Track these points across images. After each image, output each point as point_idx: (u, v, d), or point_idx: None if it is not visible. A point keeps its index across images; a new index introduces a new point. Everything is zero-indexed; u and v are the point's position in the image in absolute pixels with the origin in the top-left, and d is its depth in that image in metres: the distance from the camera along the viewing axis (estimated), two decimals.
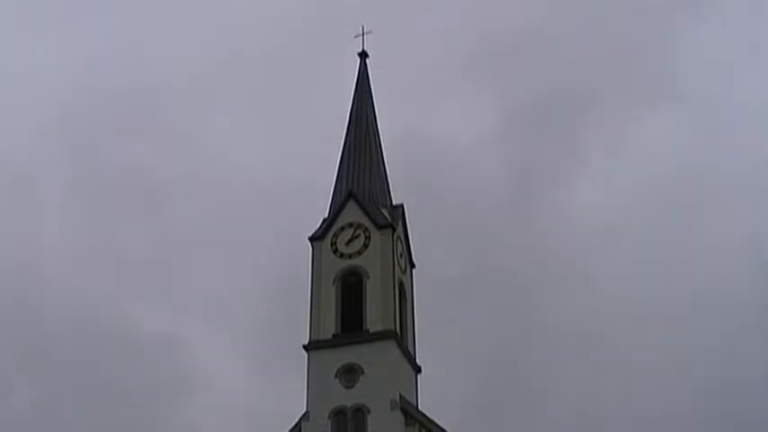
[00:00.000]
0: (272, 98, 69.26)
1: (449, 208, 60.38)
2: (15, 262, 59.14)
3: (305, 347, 33.39)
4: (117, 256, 62.21)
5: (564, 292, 59.03)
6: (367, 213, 35.92)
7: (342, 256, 35.26)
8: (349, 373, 32.30)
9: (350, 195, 36.63)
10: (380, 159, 39.02)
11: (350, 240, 35.46)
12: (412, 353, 35.22)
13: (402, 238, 37.15)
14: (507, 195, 65.86)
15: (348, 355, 32.61)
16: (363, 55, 41.35)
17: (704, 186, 61.00)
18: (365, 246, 35.21)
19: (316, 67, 64.65)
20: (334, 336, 33.41)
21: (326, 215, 37.04)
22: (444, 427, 31.74)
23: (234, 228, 62.62)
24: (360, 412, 31.71)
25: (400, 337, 33.97)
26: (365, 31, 40.94)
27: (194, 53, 69.04)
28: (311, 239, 36.09)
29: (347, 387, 32.09)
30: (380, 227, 35.48)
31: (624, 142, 67.35)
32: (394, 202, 37.96)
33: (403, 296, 35.80)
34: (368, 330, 33.17)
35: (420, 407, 33.37)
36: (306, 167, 55.76)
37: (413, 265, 38.04)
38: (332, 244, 35.68)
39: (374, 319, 33.30)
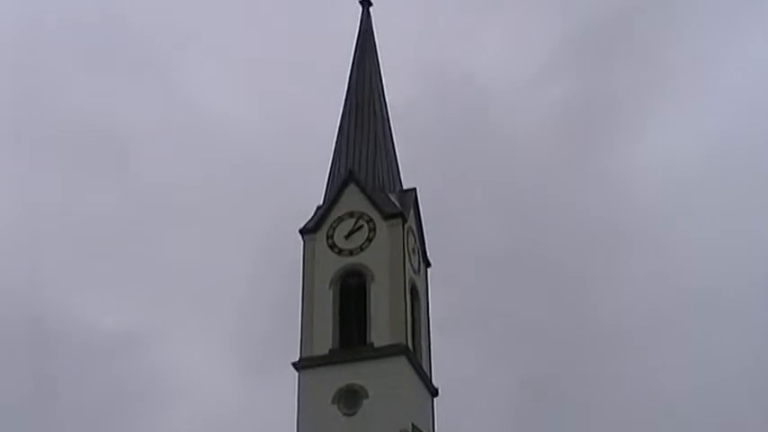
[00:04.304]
0: (258, 56, 69.84)
1: (478, 182, 60.57)
2: None
3: (295, 365, 33.31)
4: (73, 230, 61.76)
5: (625, 278, 58.18)
6: (371, 199, 35.77)
7: (340, 252, 35.17)
8: (350, 398, 32.33)
9: (350, 177, 36.42)
10: (388, 132, 38.86)
11: (350, 233, 35.37)
12: (427, 372, 35.12)
13: (415, 229, 36.97)
14: (560, 152, 64.90)
15: (348, 374, 32.68)
16: (366, 2, 41.76)
17: None
18: (369, 240, 35.15)
19: (310, 18, 65.50)
20: (330, 351, 33.41)
21: (321, 202, 36.89)
22: None
23: (215, 207, 63.02)
24: None
25: (413, 352, 33.87)
26: None
27: None
28: (302, 232, 35.86)
29: (347, 414, 32.20)
30: (388, 216, 35.34)
31: (714, 70, 65.25)
32: (404, 186, 37.87)
33: (416, 302, 35.68)
34: (372, 344, 33.18)
35: None
36: (296, 143, 56.72)
37: (428, 264, 37.92)
38: (328, 237, 35.57)
39: (380, 330, 33.34)
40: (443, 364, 36.67)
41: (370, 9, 41.52)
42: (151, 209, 63.28)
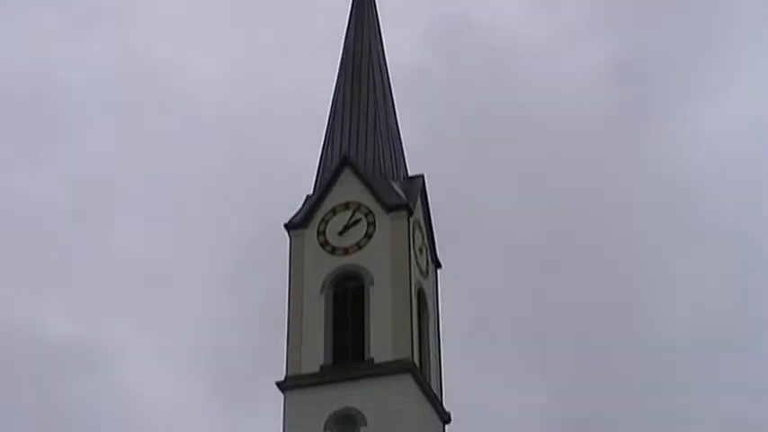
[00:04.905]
0: (235, 10, 67.41)
1: (502, 165, 58.53)
2: None
3: (279, 385, 32.09)
4: (6, 222, 58.72)
5: (691, 277, 55.23)
6: (370, 188, 34.73)
7: (334, 251, 34.06)
8: (345, 424, 31.25)
9: (345, 162, 35.45)
10: (390, 106, 38.08)
11: (345, 228, 34.29)
12: (437, 393, 34.16)
13: (422, 224, 36.00)
14: (604, 124, 62.02)
15: (343, 396, 31.52)
16: None
17: None
18: (368, 236, 34.06)
19: None
20: (322, 368, 32.23)
21: (311, 191, 35.91)
22: None
23: (180, 194, 60.30)
24: None
25: (420, 370, 32.83)
26: None
27: None
28: (288, 226, 34.73)
29: None
30: (390, 208, 34.24)
31: None
32: (410, 172, 37.00)
33: (423, 310, 34.67)
34: (372, 360, 32.05)
35: None
36: (282, 119, 56.20)
37: (438, 265, 37.00)
38: (319, 233, 34.43)
39: (381, 343, 32.21)
40: (457, 384, 36.09)
41: None
42: (99, 194, 60.63)
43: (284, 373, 32.19)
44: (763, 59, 63.52)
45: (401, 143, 37.55)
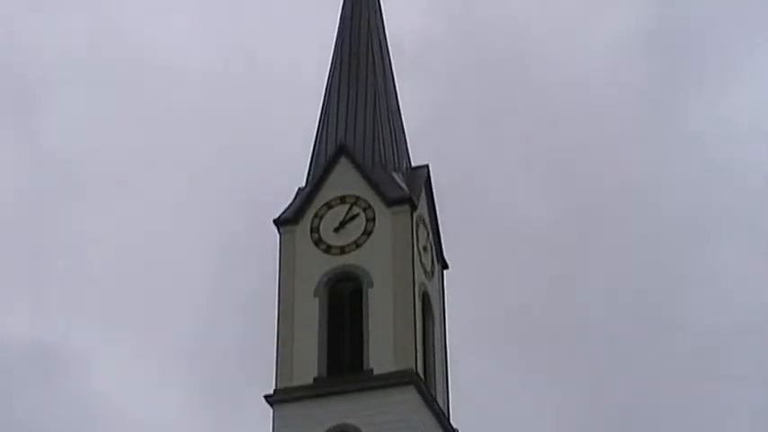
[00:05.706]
0: None
1: (517, 153, 56.76)
2: None
3: (268, 399, 31.14)
4: None
5: (730, 276, 52.92)
6: (369, 180, 33.73)
7: (329, 250, 33.18)
8: None
9: (341, 151, 34.35)
10: (391, 89, 37.09)
11: (342, 224, 33.39)
12: (443, 407, 33.07)
13: (427, 219, 35.04)
14: (630, 107, 59.56)
15: (340, 411, 30.48)
16: None
17: None
18: (367, 233, 33.12)
19: None
20: (316, 380, 31.22)
21: (303, 183, 34.89)
22: None
23: (159, 183, 58.27)
24: None
25: (424, 381, 31.79)
26: None
27: None
28: (278, 222, 33.76)
29: None
30: (391, 202, 33.26)
31: None
32: (414, 162, 36.01)
33: (428, 315, 33.71)
34: (371, 371, 31.04)
35: None
36: (272, 103, 54.56)
37: (444, 265, 36.08)
38: (312, 230, 33.48)
39: (382, 352, 31.25)
40: (465, 397, 35.22)
41: None
42: (69, 180, 59.09)
43: (274, 386, 31.08)
44: None
45: (403, 129, 36.59)
